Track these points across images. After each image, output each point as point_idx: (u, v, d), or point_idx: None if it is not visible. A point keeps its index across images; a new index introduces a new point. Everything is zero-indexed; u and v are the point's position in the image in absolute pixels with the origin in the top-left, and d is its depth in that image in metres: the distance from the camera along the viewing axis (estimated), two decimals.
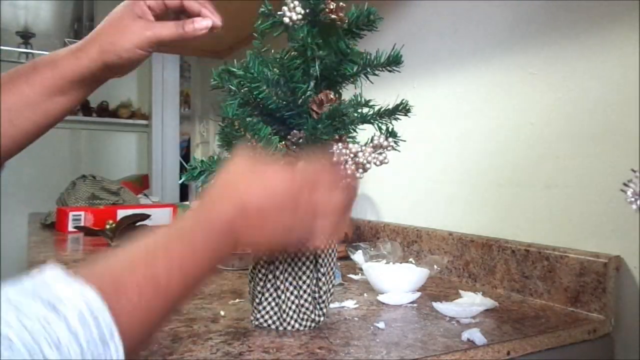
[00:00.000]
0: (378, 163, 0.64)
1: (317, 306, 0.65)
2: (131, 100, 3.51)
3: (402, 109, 0.69)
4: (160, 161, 3.19)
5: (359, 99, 0.66)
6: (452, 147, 1.04)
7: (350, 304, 0.78)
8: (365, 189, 1.30)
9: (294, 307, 0.65)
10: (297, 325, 0.65)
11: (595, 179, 0.77)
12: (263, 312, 0.65)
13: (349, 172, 0.63)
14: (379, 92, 1.13)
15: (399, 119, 0.69)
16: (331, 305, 0.77)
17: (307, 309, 0.65)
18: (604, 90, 0.76)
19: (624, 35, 0.73)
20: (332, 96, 0.62)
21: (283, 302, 0.64)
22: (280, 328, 0.65)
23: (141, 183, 2.67)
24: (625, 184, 0.52)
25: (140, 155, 3.55)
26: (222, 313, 0.72)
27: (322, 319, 0.66)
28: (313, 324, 0.65)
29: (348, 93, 0.69)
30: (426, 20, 1.11)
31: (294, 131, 0.65)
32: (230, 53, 2.12)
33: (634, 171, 0.52)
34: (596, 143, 0.77)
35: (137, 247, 0.41)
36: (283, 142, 0.64)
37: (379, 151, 0.64)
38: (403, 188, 1.18)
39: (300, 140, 0.64)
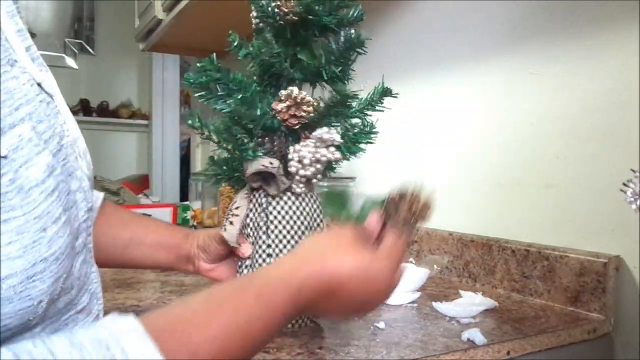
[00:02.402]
0: (324, 159, 0.62)
1: None
2: (131, 100, 3.51)
3: (383, 95, 0.67)
4: (160, 161, 3.19)
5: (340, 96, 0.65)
6: (452, 147, 1.04)
7: None
8: (365, 189, 1.30)
9: None
10: (289, 325, 0.65)
11: (595, 179, 0.77)
12: None
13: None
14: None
15: (380, 109, 0.68)
16: None
17: None
18: (604, 90, 0.76)
19: (624, 35, 0.73)
20: (295, 94, 0.61)
21: None
22: None
23: (141, 183, 2.67)
24: (625, 184, 0.52)
25: (140, 155, 3.55)
26: None
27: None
28: (308, 322, 0.66)
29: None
30: (426, 20, 1.11)
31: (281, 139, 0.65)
32: (230, 53, 2.12)
33: (633, 171, 0.52)
34: (596, 143, 0.77)
35: (210, 301, 0.40)
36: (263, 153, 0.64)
37: (325, 146, 0.62)
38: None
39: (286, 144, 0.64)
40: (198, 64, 0.63)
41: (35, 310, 0.34)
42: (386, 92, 0.67)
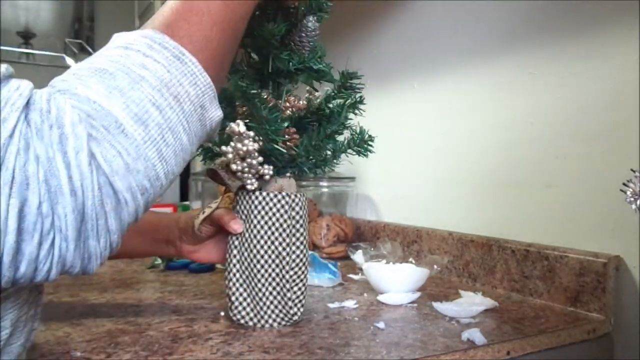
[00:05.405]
0: (241, 152, 0.62)
1: (290, 304, 0.66)
2: None
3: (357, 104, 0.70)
4: None
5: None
6: (452, 147, 1.04)
7: (350, 304, 0.78)
8: (365, 189, 1.30)
9: (272, 306, 0.66)
10: (273, 323, 0.66)
11: (595, 179, 0.77)
12: (240, 308, 0.67)
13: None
14: (380, 93, 1.13)
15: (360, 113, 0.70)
16: (331, 305, 0.77)
17: (283, 306, 0.66)
18: (604, 90, 0.76)
19: (623, 35, 0.73)
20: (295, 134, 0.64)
21: (260, 299, 0.66)
22: (259, 325, 0.66)
23: None
24: (625, 184, 0.52)
25: None
26: (222, 313, 0.72)
27: (295, 318, 0.67)
28: (288, 320, 0.67)
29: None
30: (426, 20, 1.11)
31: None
32: None
33: (633, 171, 0.52)
34: (596, 143, 0.77)
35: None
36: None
37: (240, 140, 0.61)
38: (403, 188, 1.18)
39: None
40: None
41: None
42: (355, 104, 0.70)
